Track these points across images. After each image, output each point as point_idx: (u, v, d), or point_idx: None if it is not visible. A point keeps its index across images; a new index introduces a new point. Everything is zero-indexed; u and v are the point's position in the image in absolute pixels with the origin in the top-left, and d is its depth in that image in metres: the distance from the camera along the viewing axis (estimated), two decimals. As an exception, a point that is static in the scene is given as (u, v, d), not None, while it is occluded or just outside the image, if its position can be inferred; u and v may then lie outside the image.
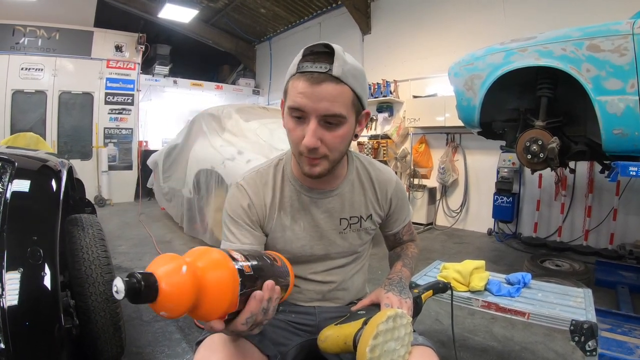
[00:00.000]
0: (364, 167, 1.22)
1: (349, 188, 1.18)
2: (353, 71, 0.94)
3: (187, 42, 9.98)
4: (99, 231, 1.89)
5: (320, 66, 0.91)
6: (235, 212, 1.11)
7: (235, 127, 4.73)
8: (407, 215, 1.34)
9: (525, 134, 2.98)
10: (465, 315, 2.79)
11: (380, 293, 1.07)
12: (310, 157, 0.98)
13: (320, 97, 0.91)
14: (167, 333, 2.53)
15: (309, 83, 0.91)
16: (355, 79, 0.95)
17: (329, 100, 0.92)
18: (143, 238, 5.09)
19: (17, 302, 1.21)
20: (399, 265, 1.22)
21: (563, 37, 2.62)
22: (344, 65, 0.92)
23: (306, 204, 1.15)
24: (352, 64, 0.95)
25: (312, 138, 0.94)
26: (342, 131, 0.97)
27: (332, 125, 0.96)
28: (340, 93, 0.93)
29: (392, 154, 6.52)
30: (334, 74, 0.91)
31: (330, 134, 0.96)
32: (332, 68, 0.90)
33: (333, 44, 0.94)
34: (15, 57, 6.93)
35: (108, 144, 7.84)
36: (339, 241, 1.18)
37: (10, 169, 1.52)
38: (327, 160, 1.00)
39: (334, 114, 0.93)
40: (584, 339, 1.46)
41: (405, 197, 1.31)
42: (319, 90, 0.91)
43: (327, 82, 0.91)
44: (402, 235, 1.35)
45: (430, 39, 6.34)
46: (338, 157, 1.03)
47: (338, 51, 0.92)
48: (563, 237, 4.74)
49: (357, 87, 0.96)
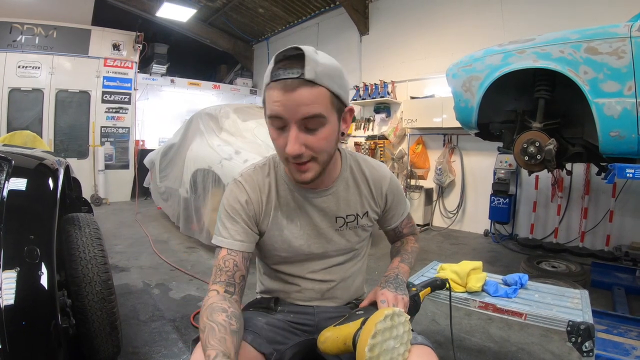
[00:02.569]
0: (357, 165, 1.22)
1: (343, 187, 1.18)
2: (327, 70, 0.93)
3: (184, 42, 9.97)
4: (95, 230, 1.88)
5: (293, 72, 0.90)
6: (232, 207, 1.11)
7: (232, 126, 4.73)
8: (404, 210, 1.34)
9: (523, 135, 2.99)
10: (461, 316, 2.80)
11: (376, 291, 1.09)
12: (297, 163, 0.99)
13: (296, 103, 0.91)
14: (164, 333, 2.52)
15: (284, 91, 0.90)
16: (331, 78, 0.94)
17: (305, 104, 0.91)
18: (139, 237, 5.08)
19: (14, 301, 1.20)
20: (396, 262, 1.25)
21: (561, 40, 2.63)
22: (316, 67, 0.91)
23: (301, 204, 1.15)
24: (326, 63, 0.94)
25: (295, 145, 0.94)
26: (324, 133, 0.97)
27: (313, 128, 0.95)
28: (317, 95, 0.92)
29: (389, 155, 6.52)
30: (307, 78, 0.89)
31: (313, 137, 0.96)
32: (304, 72, 0.89)
33: (303, 46, 0.93)
34: (12, 54, 6.91)
35: (105, 142, 7.83)
36: (337, 239, 1.19)
37: (7, 168, 1.51)
38: (316, 163, 1.00)
39: (313, 116, 0.92)
40: (581, 340, 1.46)
41: (401, 191, 1.32)
42: (294, 97, 0.90)
43: (301, 87, 0.90)
44: (402, 229, 1.37)
45: (429, 40, 6.35)
46: (327, 158, 1.03)
47: (309, 53, 0.91)
48: (559, 239, 4.75)
49: (333, 86, 0.95)
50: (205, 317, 0.92)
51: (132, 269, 3.82)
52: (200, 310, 0.98)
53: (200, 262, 4.10)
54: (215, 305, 0.95)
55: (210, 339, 0.85)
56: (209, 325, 0.89)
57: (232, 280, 1.03)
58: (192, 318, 2.72)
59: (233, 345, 0.87)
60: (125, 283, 3.40)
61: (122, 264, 3.95)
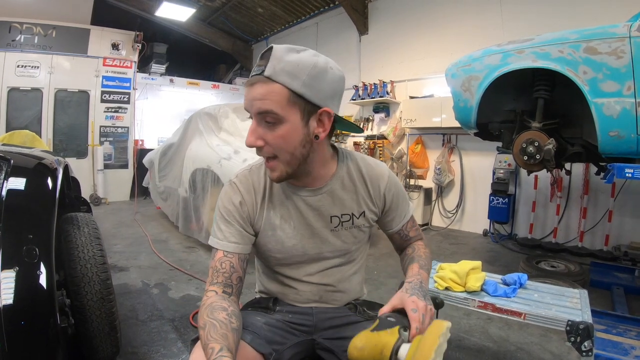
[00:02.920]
0: (355, 164, 1.20)
1: (338, 185, 1.16)
2: (291, 68, 0.94)
3: (184, 41, 9.96)
4: (94, 230, 1.88)
5: (258, 69, 0.96)
6: (226, 209, 1.11)
7: (231, 126, 4.73)
8: (406, 211, 1.28)
9: (522, 135, 2.99)
10: (460, 316, 2.80)
11: (403, 297, 0.99)
12: (263, 157, 1.05)
13: (252, 97, 0.96)
14: (163, 332, 2.52)
15: (247, 86, 0.98)
16: (292, 76, 0.94)
17: (257, 99, 0.95)
18: (138, 237, 5.08)
19: (13, 301, 1.20)
20: (415, 268, 1.15)
21: (560, 39, 2.63)
22: (277, 65, 0.93)
23: (295, 203, 1.15)
24: (293, 61, 0.94)
25: (251, 137, 0.99)
26: (282, 131, 0.97)
27: (269, 124, 0.98)
28: (269, 92, 0.94)
29: (388, 155, 6.52)
30: (265, 74, 0.94)
31: (271, 133, 0.98)
32: (265, 69, 0.94)
33: (278, 45, 0.96)
34: (11, 54, 6.90)
35: (104, 142, 7.82)
36: (332, 239, 1.17)
37: (6, 167, 1.51)
38: (279, 162, 1.02)
39: (265, 111, 0.95)
40: (580, 340, 1.47)
41: (401, 191, 1.27)
42: (252, 91, 0.96)
43: (258, 83, 0.95)
44: (407, 232, 1.29)
45: (428, 40, 6.35)
46: (290, 158, 1.01)
47: (276, 51, 0.95)
48: (558, 238, 4.75)
49: (293, 84, 0.94)
50: (205, 315, 0.93)
51: (131, 268, 3.81)
52: (199, 309, 0.98)
53: (199, 261, 4.10)
54: (215, 304, 0.96)
55: (212, 333, 0.87)
56: (209, 322, 0.90)
57: (229, 281, 1.04)
58: (191, 318, 2.72)
59: (234, 342, 0.88)
60: (124, 283, 3.39)
61: (121, 263, 3.95)
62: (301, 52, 0.97)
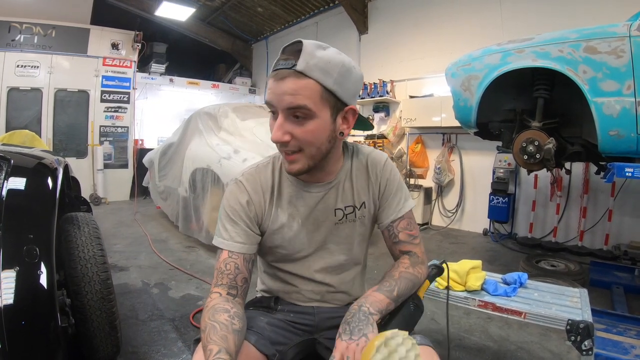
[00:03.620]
0: (356, 154, 1.21)
1: (344, 178, 1.17)
2: (323, 65, 0.94)
3: (183, 41, 9.96)
4: (94, 229, 1.88)
5: (287, 62, 0.94)
6: (232, 208, 1.10)
7: (231, 125, 4.73)
8: (402, 205, 1.19)
9: (522, 134, 2.99)
10: (461, 315, 2.80)
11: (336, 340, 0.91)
12: (285, 151, 1.01)
13: (282, 92, 0.94)
14: (163, 332, 2.52)
15: (275, 79, 0.95)
16: (325, 72, 0.95)
17: (290, 94, 0.93)
18: (138, 237, 5.08)
19: (13, 300, 1.20)
20: (369, 291, 1.02)
21: (560, 39, 2.63)
22: (310, 60, 0.93)
23: (305, 200, 1.14)
24: (325, 58, 0.95)
25: (278, 132, 0.97)
26: (312, 126, 0.97)
27: (300, 119, 0.96)
28: (303, 87, 0.93)
29: (388, 154, 6.51)
30: (298, 69, 0.92)
31: (299, 128, 0.97)
32: (296, 63, 0.93)
33: (306, 40, 0.96)
34: (10, 54, 6.90)
35: (104, 142, 7.81)
36: (335, 232, 1.17)
37: (6, 167, 1.51)
38: (303, 155, 1.01)
39: (297, 106, 0.94)
40: (580, 339, 1.47)
41: (398, 181, 1.21)
42: (281, 85, 0.94)
43: (290, 77, 0.93)
44: (396, 232, 1.18)
45: (428, 39, 6.35)
46: (316, 152, 1.02)
47: (306, 46, 0.94)
48: (558, 238, 4.75)
49: (326, 81, 0.95)
50: (207, 318, 0.93)
51: (131, 268, 3.81)
52: (203, 312, 0.98)
53: (199, 261, 4.10)
54: (217, 306, 0.95)
55: (211, 335, 0.86)
56: (210, 325, 0.89)
57: (234, 283, 1.03)
58: (192, 317, 2.72)
59: (234, 343, 0.87)
60: (124, 282, 3.40)
61: (121, 263, 3.95)
62: (327, 49, 0.98)
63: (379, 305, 0.96)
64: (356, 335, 0.88)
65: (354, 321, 0.91)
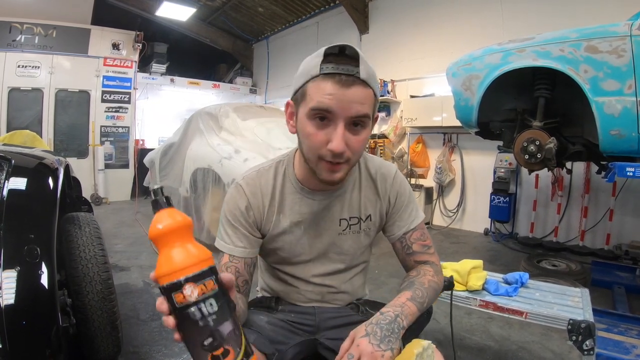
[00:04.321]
0: (364, 165, 1.19)
1: (350, 187, 1.15)
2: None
3: (184, 41, 9.96)
4: (95, 229, 1.88)
5: (347, 68, 0.89)
6: (232, 213, 1.10)
7: (232, 125, 4.72)
8: (413, 218, 1.19)
9: (523, 134, 2.99)
10: (462, 315, 2.80)
11: (356, 334, 0.90)
12: (332, 162, 0.95)
13: (351, 100, 0.89)
14: (164, 332, 2.52)
15: (339, 85, 0.89)
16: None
17: (359, 103, 0.90)
18: (139, 237, 5.08)
19: (14, 300, 1.20)
20: (403, 297, 1.00)
21: (561, 38, 2.63)
22: (368, 69, 0.91)
23: (308, 207, 1.13)
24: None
25: (341, 142, 0.91)
26: (365, 134, 0.96)
27: (357, 128, 0.94)
28: (367, 96, 0.92)
29: (389, 154, 6.52)
30: (362, 77, 0.90)
31: (355, 137, 0.94)
32: (359, 71, 0.89)
33: (350, 45, 0.92)
34: (11, 54, 6.90)
35: (104, 142, 7.82)
36: (338, 242, 1.16)
37: (7, 167, 1.51)
38: (347, 165, 0.98)
39: (363, 115, 0.92)
40: (582, 339, 1.47)
41: (409, 193, 1.21)
42: (350, 93, 0.89)
43: (356, 85, 0.89)
44: (410, 243, 1.17)
45: (428, 39, 6.35)
46: (357, 160, 1.02)
47: (361, 54, 0.92)
48: (559, 238, 4.75)
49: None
50: None
51: (133, 268, 3.82)
52: None
53: (200, 261, 4.09)
54: None
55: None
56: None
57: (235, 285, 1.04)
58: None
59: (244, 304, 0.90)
60: (125, 282, 3.40)
61: (122, 263, 3.95)
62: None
63: (410, 319, 0.95)
64: (385, 345, 0.85)
65: (386, 329, 0.88)
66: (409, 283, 1.07)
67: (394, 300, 0.99)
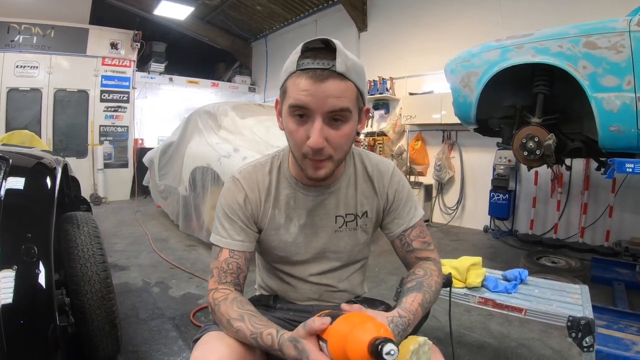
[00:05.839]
0: (361, 162, 1.18)
1: (345, 184, 1.14)
2: (355, 67, 0.92)
3: (183, 40, 9.94)
4: (94, 229, 1.88)
5: (323, 62, 0.88)
6: (230, 207, 1.09)
7: (231, 124, 4.72)
8: (412, 216, 1.18)
9: (522, 130, 2.99)
10: (461, 312, 2.80)
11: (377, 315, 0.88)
12: (314, 159, 0.95)
13: (325, 94, 0.88)
14: (164, 331, 2.52)
15: (313, 80, 0.88)
16: (358, 74, 0.93)
17: (335, 97, 0.89)
18: (139, 236, 5.08)
19: (12, 300, 1.19)
20: (416, 302, 0.98)
21: (559, 34, 2.63)
22: (347, 61, 0.89)
23: (302, 203, 1.12)
24: (353, 59, 0.92)
25: (319, 138, 0.90)
26: (347, 129, 0.94)
27: (337, 123, 0.92)
28: (345, 89, 0.90)
29: (388, 151, 6.52)
30: (338, 70, 0.88)
31: (335, 132, 0.92)
32: (335, 64, 0.88)
33: (332, 39, 0.90)
34: (10, 54, 6.89)
35: (104, 141, 7.80)
36: (335, 240, 1.15)
37: (5, 166, 1.51)
38: (331, 161, 0.97)
39: (341, 109, 0.90)
40: (581, 335, 1.46)
41: (406, 191, 1.19)
42: (324, 87, 0.88)
43: (331, 79, 0.88)
44: (410, 241, 1.17)
45: (427, 36, 6.34)
46: (342, 157, 1.00)
47: (339, 46, 0.89)
48: (559, 234, 4.75)
49: (359, 83, 0.93)
50: (236, 307, 0.95)
51: (132, 267, 3.81)
52: (219, 306, 0.98)
53: (200, 259, 4.10)
54: (240, 298, 1.00)
55: (256, 322, 0.91)
56: (247, 314, 0.93)
57: (238, 280, 1.06)
58: (192, 316, 2.72)
59: None
60: (124, 281, 3.40)
61: (121, 262, 3.95)
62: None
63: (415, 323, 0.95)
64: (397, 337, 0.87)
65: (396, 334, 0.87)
66: (418, 284, 1.05)
67: (407, 301, 0.98)
